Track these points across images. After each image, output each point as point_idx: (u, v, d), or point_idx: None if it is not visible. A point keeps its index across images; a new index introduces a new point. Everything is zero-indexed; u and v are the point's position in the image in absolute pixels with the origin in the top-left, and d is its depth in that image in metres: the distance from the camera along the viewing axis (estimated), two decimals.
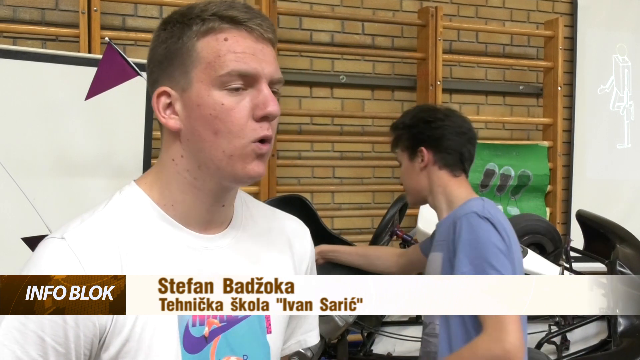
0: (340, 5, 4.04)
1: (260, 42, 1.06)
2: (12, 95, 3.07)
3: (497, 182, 4.24)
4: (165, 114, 1.10)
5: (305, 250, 1.26)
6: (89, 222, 1.06)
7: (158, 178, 1.13)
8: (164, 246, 1.08)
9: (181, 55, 1.06)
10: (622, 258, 3.08)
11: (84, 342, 1.00)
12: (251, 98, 1.05)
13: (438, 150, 2.06)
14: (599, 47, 4.56)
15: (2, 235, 2.98)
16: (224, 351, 1.09)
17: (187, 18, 1.06)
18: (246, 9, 1.06)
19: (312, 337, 1.31)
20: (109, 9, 3.46)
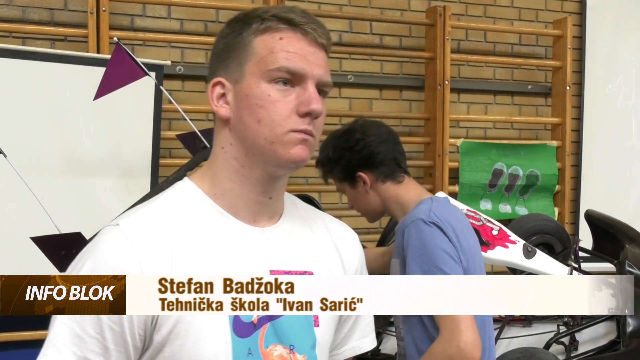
0: (348, 5, 4.04)
1: (313, 45, 1.14)
2: (21, 95, 3.09)
3: (505, 182, 4.23)
4: (218, 103, 1.16)
5: (353, 255, 1.30)
6: (142, 211, 1.14)
7: (208, 168, 1.19)
8: (214, 235, 1.13)
9: (238, 49, 1.14)
10: (632, 258, 3.07)
11: (137, 322, 1.06)
12: (297, 95, 1.12)
13: (374, 168, 2.08)
14: (608, 47, 4.54)
15: (12, 234, 3.00)
16: (271, 339, 1.14)
17: (249, 17, 1.15)
18: (304, 14, 1.15)
19: (367, 343, 1.34)
20: (117, 9, 3.47)
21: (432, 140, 4.08)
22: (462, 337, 1.75)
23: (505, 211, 4.23)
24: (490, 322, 2.08)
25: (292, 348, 1.15)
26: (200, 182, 1.18)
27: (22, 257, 2.95)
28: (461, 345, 1.75)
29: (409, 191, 2.08)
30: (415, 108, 4.21)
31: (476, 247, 2.04)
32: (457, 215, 2.02)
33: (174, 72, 3.54)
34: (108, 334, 1.05)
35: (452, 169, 4.10)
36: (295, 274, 1.17)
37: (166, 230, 1.10)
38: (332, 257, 1.25)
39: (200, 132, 2.62)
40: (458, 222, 1.97)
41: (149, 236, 1.09)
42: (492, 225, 3.10)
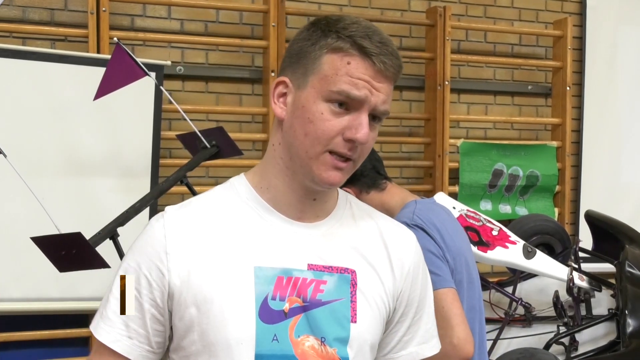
0: (349, 5, 4.04)
1: (379, 76, 1.15)
2: (22, 95, 3.09)
3: (505, 182, 4.23)
4: (277, 101, 1.20)
5: (405, 257, 1.28)
6: (189, 202, 1.23)
7: (262, 161, 1.24)
8: (251, 226, 1.19)
9: (308, 58, 1.17)
10: (631, 258, 3.07)
11: (156, 292, 1.16)
12: (349, 119, 1.15)
13: (356, 181, 2.09)
14: (608, 47, 4.54)
15: (12, 234, 3.00)
16: (303, 329, 1.16)
17: (328, 29, 1.16)
18: (380, 44, 1.15)
19: (427, 349, 1.32)
20: (117, 9, 3.47)
21: (432, 140, 4.08)
22: (455, 333, 1.79)
23: (505, 211, 4.24)
24: (483, 317, 2.10)
25: (324, 340, 1.17)
26: (252, 176, 1.24)
27: (22, 257, 2.96)
28: (454, 342, 1.79)
29: (393, 196, 2.10)
30: (416, 108, 4.21)
31: (463, 245, 2.05)
32: (441, 216, 2.04)
33: (174, 72, 3.54)
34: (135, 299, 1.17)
35: (452, 170, 4.11)
36: (335, 270, 1.20)
37: (206, 219, 1.19)
38: (380, 257, 1.25)
39: (200, 132, 2.62)
40: (442, 223, 1.99)
41: (184, 221, 1.18)
42: (492, 225, 3.10)
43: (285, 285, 1.16)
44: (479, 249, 2.94)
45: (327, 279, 1.19)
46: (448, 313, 1.82)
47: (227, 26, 3.72)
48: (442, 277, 1.88)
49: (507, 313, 3.11)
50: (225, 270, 1.15)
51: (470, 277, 2.05)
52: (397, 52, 1.18)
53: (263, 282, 1.15)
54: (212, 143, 2.62)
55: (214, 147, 2.62)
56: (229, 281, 1.14)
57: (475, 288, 2.09)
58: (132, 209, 2.35)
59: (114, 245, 2.27)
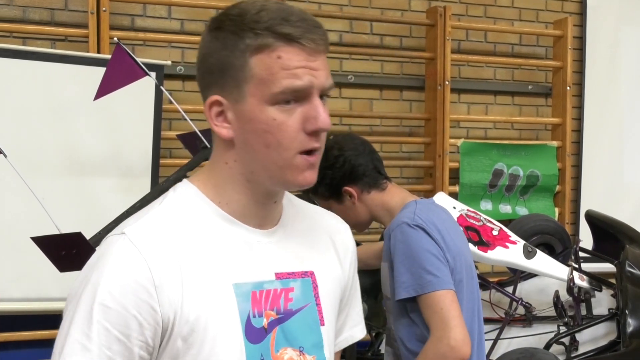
0: (349, 5, 4.04)
1: (313, 54, 1.08)
2: (22, 95, 3.09)
3: (505, 182, 4.23)
4: (218, 122, 1.11)
5: (347, 246, 1.30)
6: (147, 218, 1.10)
7: (211, 177, 1.15)
8: (221, 240, 1.12)
9: (233, 68, 1.08)
10: (632, 258, 3.07)
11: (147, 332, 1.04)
12: (302, 111, 1.08)
13: (358, 180, 2.11)
14: (608, 47, 4.54)
15: (12, 234, 3.00)
16: (281, 342, 1.13)
17: (239, 29, 1.07)
18: (299, 21, 1.07)
19: (358, 332, 1.34)
20: (117, 9, 3.47)
21: (432, 140, 4.08)
22: (452, 335, 1.80)
23: (505, 211, 4.24)
24: (481, 318, 2.10)
25: (302, 349, 1.16)
26: (203, 188, 1.15)
27: (22, 257, 2.96)
28: (452, 343, 1.80)
29: (394, 196, 2.12)
30: (416, 108, 4.21)
31: (463, 245, 2.06)
32: (441, 217, 2.05)
33: (174, 72, 3.54)
34: (115, 345, 1.03)
35: (452, 169, 4.11)
36: (297, 275, 1.18)
37: (174, 237, 1.08)
38: (329, 253, 1.26)
39: (200, 132, 2.62)
40: (443, 223, 2.01)
41: (157, 244, 1.06)
42: (492, 225, 3.10)
43: (259, 300, 1.12)
44: (479, 248, 2.94)
45: (293, 285, 1.16)
46: (446, 315, 1.84)
47: None
48: (440, 279, 1.89)
49: (508, 313, 3.11)
50: (209, 291, 1.07)
51: (470, 278, 2.06)
52: (317, 21, 1.11)
53: (243, 300, 1.10)
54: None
55: None
56: (213, 304, 1.07)
57: (475, 288, 2.09)
58: (133, 208, 2.35)
59: None
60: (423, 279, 1.88)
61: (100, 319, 1.02)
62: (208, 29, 1.13)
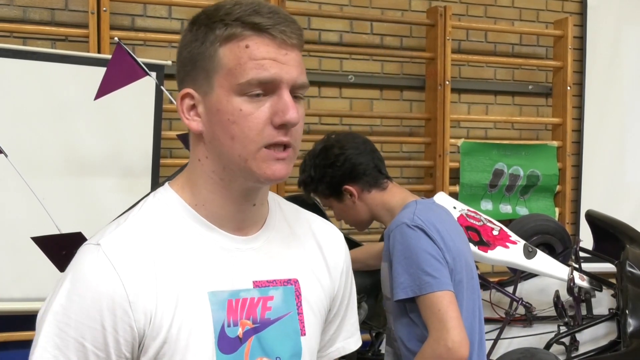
0: (349, 5, 4.04)
1: (284, 47, 1.06)
2: (22, 95, 3.09)
3: (506, 182, 4.23)
4: (189, 116, 1.10)
5: (338, 254, 1.26)
6: (123, 227, 1.08)
7: (189, 179, 1.14)
8: (197, 248, 1.09)
9: (204, 59, 1.07)
10: (632, 258, 3.07)
11: (124, 347, 1.02)
12: (271, 104, 1.06)
13: (358, 179, 2.11)
14: (609, 47, 4.54)
15: (12, 234, 3.00)
16: (257, 352, 1.10)
17: (211, 21, 1.07)
18: (270, 14, 1.06)
19: (352, 344, 1.32)
20: (118, 9, 3.48)
21: (432, 140, 4.08)
22: (450, 337, 1.80)
23: (505, 211, 4.24)
24: (482, 319, 2.10)
25: (279, 359, 1.13)
26: (181, 192, 1.13)
27: (23, 257, 2.96)
28: (449, 345, 1.80)
29: (394, 196, 2.12)
30: (416, 108, 4.21)
31: (463, 246, 2.06)
32: (441, 217, 2.05)
33: (174, 72, 3.53)
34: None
35: (452, 169, 4.11)
36: (279, 283, 1.14)
37: (149, 246, 1.06)
38: (317, 261, 1.22)
39: None
40: (443, 224, 2.00)
41: (132, 257, 1.04)
42: (492, 225, 3.10)
43: (235, 309, 1.09)
44: (479, 248, 2.94)
45: (273, 294, 1.13)
46: (444, 316, 1.84)
47: None
48: (439, 280, 1.89)
49: (508, 313, 3.11)
50: (182, 301, 1.05)
51: (470, 278, 2.06)
52: (291, 17, 1.09)
53: (218, 309, 1.07)
54: None
55: None
56: (187, 313, 1.05)
57: (475, 288, 2.09)
58: (132, 208, 2.35)
59: None
60: (421, 280, 1.88)
61: (74, 334, 1.01)
62: (185, 29, 1.13)
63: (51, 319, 1.02)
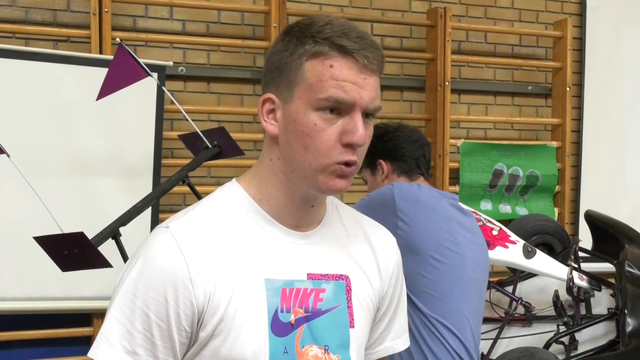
0: (349, 6, 4.05)
1: (364, 72, 1.13)
2: (24, 95, 3.10)
3: (505, 182, 4.25)
4: (267, 118, 1.18)
5: (390, 257, 1.33)
6: (191, 214, 1.18)
7: (257, 174, 1.22)
8: (256, 238, 1.18)
9: (289, 69, 1.14)
10: (631, 258, 3.08)
11: (184, 320, 1.11)
12: (343, 124, 1.13)
13: (394, 159, 2.20)
14: (608, 48, 4.55)
15: (14, 234, 3.01)
16: (307, 339, 1.18)
17: (303, 35, 1.14)
18: (358, 39, 1.13)
19: (400, 344, 1.37)
20: (119, 10, 3.49)
21: (432, 140, 4.09)
22: None
23: (505, 211, 4.25)
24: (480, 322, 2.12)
25: (327, 348, 1.20)
26: (248, 186, 1.21)
27: (25, 257, 2.97)
28: None
29: None
30: (416, 109, 4.22)
31: (440, 231, 2.06)
32: (434, 197, 2.09)
33: (176, 72, 3.56)
34: (156, 331, 1.11)
35: (452, 170, 4.12)
36: (331, 278, 1.22)
37: (213, 233, 1.15)
38: (368, 260, 1.29)
39: (202, 133, 2.64)
40: (429, 200, 2.06)
41: (197, 240, 1.14)
42: (492, 225, 3.11)
43: (289, 297, 1.17)
44: None
45: (325, 287, 1.21)
46: None
47: (228, 27, 3.74)
48: None
49: (507, 312, 3.12)
50: (239, 285, 1.14)
51: (478, 279, 2.08)
52: (377, 43, 1.16)
53: (272, 295, 1.15)
54: (214, 143, 2.63)
55: (216, 147, 2.63)
56: (243, 295, 1.14)
57: (483, 289, 2.12)
58: (134, 208, 2.37)
59: (116, 244, 2.29)
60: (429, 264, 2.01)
61: (141, 305, 1.11)
62: (280, 33, 1.21)
63: (122, 292, 1.13)
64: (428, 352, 1.98)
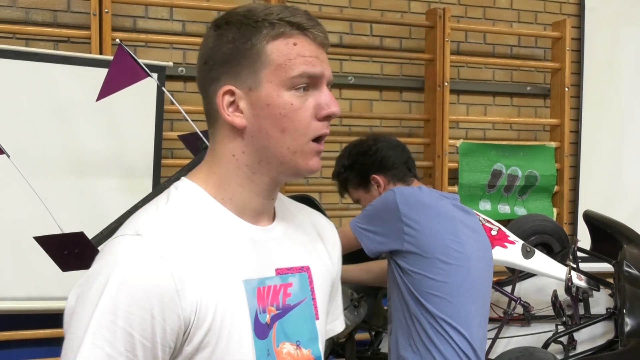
0: (349, 7, 4.06)
1: (320, 47, 1.14)
2: (24, 96, 3.11)
3: (504, 183, 4.25)
4: (229, 112, 1.14)
5: (334, 241, 1.34)
6: (159, 217, 1.10)
7: (213, 173, 1.17)
8: (228, 237, 1.13)
9: (250, 56, 1.11)
10: (629, 258, 3.08)
11: (170, 336, 1.04)
12: (314, 98, 1.13)
13: (387, 170, 2.24)
14: (607, 49, 4.56)
15: (14, 234, 3.02)
16: (280, 337, 1.15)
17: (253, 21, 1.12)
18: (308, 16, 1.14)
19: (338, 325, 1.38)
20: (119, 10, 3.50)
21: (431, 141, 4.10)
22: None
23: (504, 211, 4.26)
24: (486, 320, 2.13)
25: (299, 344, 1.18)
26: (205, 185, 1.16)
27: (25, 257, 2.98)
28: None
29: None
30: (415, 109, 4.23)
31: (445, 232, 2.09)
32: (435, 198, 2.12)
33: (175, 73, 3.56)
34: (139, 351, 1.02)
35: (451, 170, 4.13)
36: (295, 271, 1.20)
37: (187, 236, 1.08)
38: (320, 247, 1.29)
39: (201, 133, 2.64)
40: (432, 202, 2.10)
41: (175, 246, 1.06)
42: (491, 225, 3.12)
43: (263, 296, 1.13)
44: None
45: (291, 280, 1.18)
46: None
47: None
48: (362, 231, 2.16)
49: (506, 312, 3.13)
50: (222, 290, 1.08)
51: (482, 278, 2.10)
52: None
53: (251, 296, 1.11)
54: None
55: None
56: (227, 301, 1.08)
57: (488, 287, 2.14)
58: (134, 208, 2.37)
59: None
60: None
61: (123, 324, 1.01)
62: (214, 27, 1.16)
63: (99, 314, 1.01)
64: (435, 352, 1.99)
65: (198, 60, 1.20)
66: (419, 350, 1.97)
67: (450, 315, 2.00)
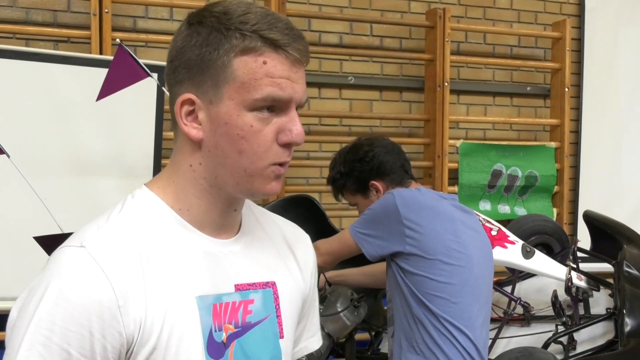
0: (349, 7, 4.06)
1: (296, 65, 1.05)
2: (24, 96, 3.11)
3: (504, 183, 4.25)
4: (187, 121, 1.06)
5: (307, 255, 1.27)
6: (107, 229, 1.04)
7: (172, 181, 1.10)
8: (182, 250, 1.07)
9: (215, 67, 1.03)
10: (629, 258, 3.08)
11: (111, 354, 0.98)
12: (279, 122, 1.05)
13: (385, 175, 2.23)
14: (606, 49, 4.57)
15: (15, 234, 3.02)
16: (239, 356, 1.09)
17: (224, 27, 1.03)
18: (287, 30, 1.04)
19: (314, 343, 1.32)
20: (120, 10, 3.50)
21: (431, 141, 4.10)
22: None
23: (504, 212, 4.26)
24: (488, 320, 2.13)
25: None
26: (162, 194, 1.09)
27: (25, 257, 2.98)
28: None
29: None
30: (415, 109, 4.23)
31: (446, 233, 2.10)
32: (434, 199, 2.12)
33: None
34: None
35: (451, 170, 4.13)
36: (259, 286, 1.14)
37: (136, 248, 1.02)
38: (290, 262, 1.22)
39: None
40: (431, 203, 2.10)
41: (120, 260, 1.00)
42: (491, 225, 3.12)
43: (219, 313, 1.07)
44: None
45: (253, 297, 1.12)
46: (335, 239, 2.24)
47: None
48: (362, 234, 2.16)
49: (506, 312, 3.13)
50: (171, 307, 1.02)
51: (484, 277, 2.11)
52: (301, 32, 1.07)
53: (205, 314, 1.05)
54: None
55: None
56: (176, 318, 1.02)
57: (490, 286, 2.15)
58: None
59: None
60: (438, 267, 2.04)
61: (59, 341, 0.95)
62: (187, 23, 1.09)
63: (34, 327, 0.96)
64: (440, 353, 2.00)
65: (167, 55, 1.13)
66: (423, 352, 1.97)
67: (453, 316, 2.00)
